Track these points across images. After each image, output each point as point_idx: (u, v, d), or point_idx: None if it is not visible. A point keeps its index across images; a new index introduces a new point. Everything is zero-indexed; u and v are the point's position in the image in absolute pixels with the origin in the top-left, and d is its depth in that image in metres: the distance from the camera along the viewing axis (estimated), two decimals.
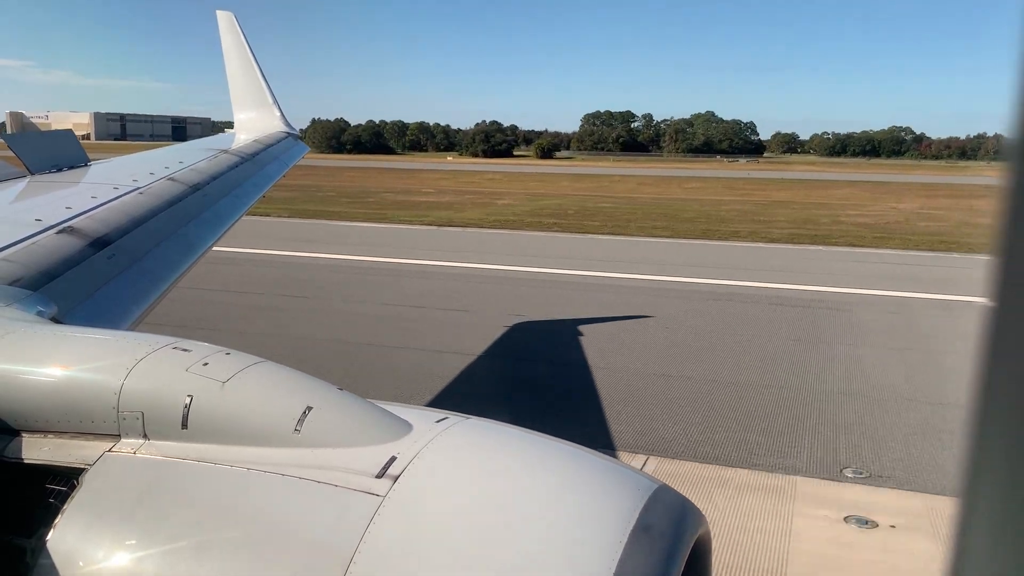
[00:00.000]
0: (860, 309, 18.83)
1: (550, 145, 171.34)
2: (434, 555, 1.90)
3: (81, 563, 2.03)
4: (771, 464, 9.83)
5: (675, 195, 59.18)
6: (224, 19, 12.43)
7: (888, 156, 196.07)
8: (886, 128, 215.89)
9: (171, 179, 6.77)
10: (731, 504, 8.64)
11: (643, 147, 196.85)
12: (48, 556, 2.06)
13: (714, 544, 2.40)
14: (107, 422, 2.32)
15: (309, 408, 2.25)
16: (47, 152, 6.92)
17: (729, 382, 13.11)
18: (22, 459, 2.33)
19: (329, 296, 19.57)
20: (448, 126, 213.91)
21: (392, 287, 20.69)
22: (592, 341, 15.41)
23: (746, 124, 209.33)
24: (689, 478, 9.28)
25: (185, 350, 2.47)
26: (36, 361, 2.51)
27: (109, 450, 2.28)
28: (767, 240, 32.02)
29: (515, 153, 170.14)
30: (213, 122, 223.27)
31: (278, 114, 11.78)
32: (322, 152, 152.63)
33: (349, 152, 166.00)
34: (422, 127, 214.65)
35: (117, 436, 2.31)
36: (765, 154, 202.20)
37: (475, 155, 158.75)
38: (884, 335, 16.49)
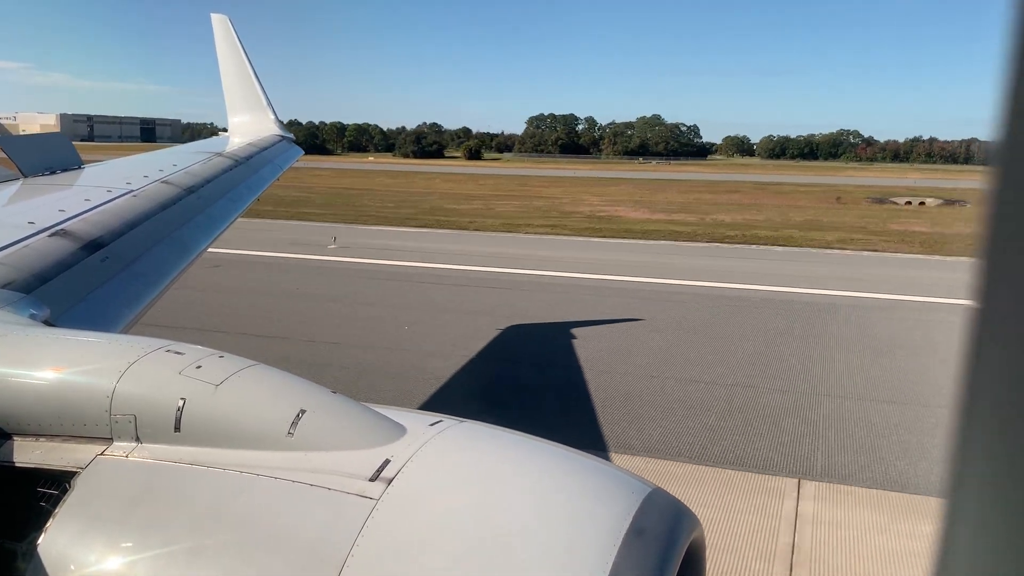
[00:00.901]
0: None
1: (478, 147, 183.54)
2: (427, 558, 1.90)
3: (73, 567, 2.02)
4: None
5: (438, 188, 64.79)
6: (218, 22, 12.42)
7: (825, 158, 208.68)
8: (834, 131, 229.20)
9: (165, 182, 6.75)
10: None
11: (584, 149, 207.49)
12: (39, 560, 2.04)
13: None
14: (99, 425, 2.31)
15: (302, 411, 2.25)
16: (40, 155, 6.89)
17: None
18: (14, 463, 2.32)
19: None
20: (392, 128, 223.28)
21: None
22: None
23: (690, 127, 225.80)
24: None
25: (178, 353, 2.46)
26: (28, 364, 2.50)
27: (101, 453, 2.27)
28: (390, 224, 36.64)
29: (445, 154, 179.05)
30: (184, 124, 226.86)
31: (272, 117, 11.77)
32: None
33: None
34: (360, 128, 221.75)
35: (109, 439, 2.30)
36: (711, 157, 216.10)
37: (406, 156, 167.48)
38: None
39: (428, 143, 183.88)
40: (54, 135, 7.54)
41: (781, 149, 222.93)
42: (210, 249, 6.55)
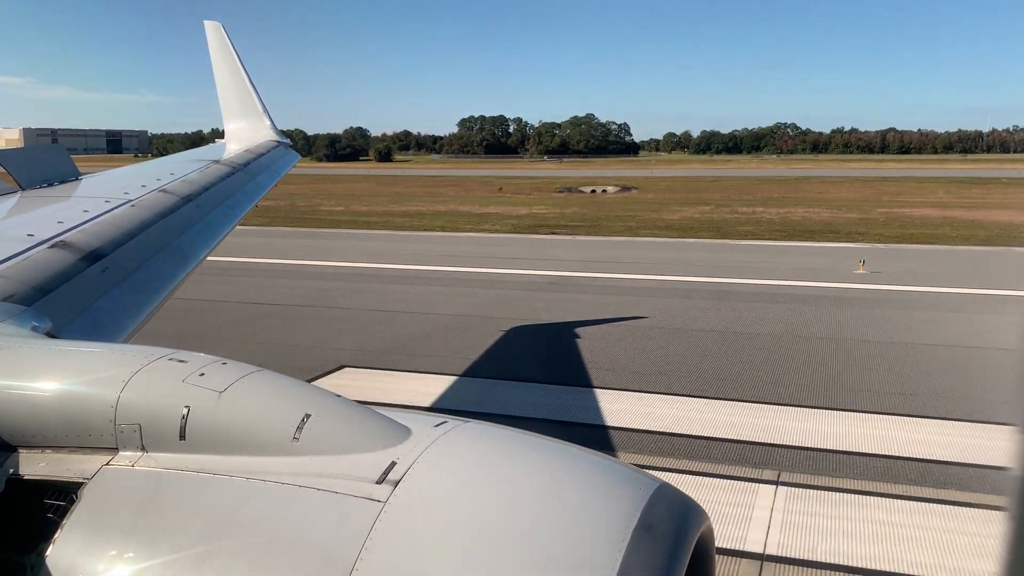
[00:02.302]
0: None
1: (387, 150, 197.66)
2: (437, 559, 1.90)
3: None
4: None
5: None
6: (212, 30, 12.40)
7: (748, 152, 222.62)
8: (771, 125, 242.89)
9: (163, 191, 6.75)
10: None
11: (511, 149, 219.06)
12: (48, 572, 2.04)
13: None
14: (104, 435, 2.31)
15: (307, 416, 2.24)
16: (38, 167, 6.88)
17: None
18: (20, 475, 2.31)
19: None
20: (319, 133, 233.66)
21: None
22: None
23: (620, 125, 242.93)
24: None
25: (181, 361, 2.46)
26: (32, 376, 2.49)
27: (107, 463, 2.27)
28: None
29: (360, 158, 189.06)
30: (150, 135, 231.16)
31: (268, 123, 11.75)
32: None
33: None
34: (286, 134, 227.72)
35: (115, 449, 2.30)
36: (642, 153, 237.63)
37: (319, 160, 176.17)
38: None
39: (342, 147, 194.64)
40: (51, 147, 7.54)
41: (707, 144, 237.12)
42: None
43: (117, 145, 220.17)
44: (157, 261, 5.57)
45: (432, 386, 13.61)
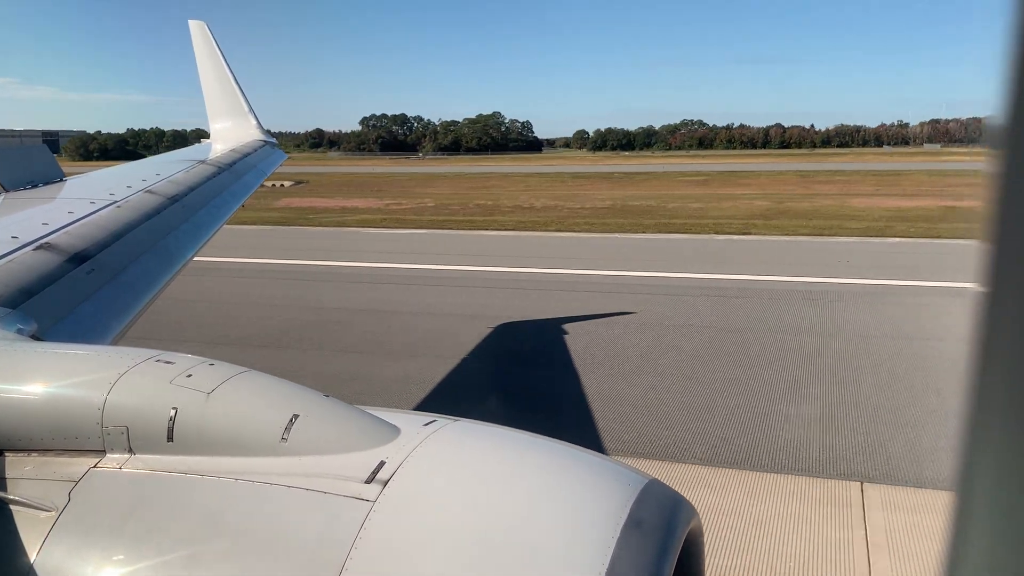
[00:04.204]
0: None
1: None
2: (426, 558, 1.90)
3: None
4: None
5: None
6: (196, 29, 12.34)
7: (640, 148, 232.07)
8: (678, 122, 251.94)
9: (149, 191, 6.71)
10: None
11: (410, 147, 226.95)
12: (35, 575, 2.03)
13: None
14: (91, 438, 2.30)
15: (296, 416, 2.24)
16: (21, 168, 6.83)
17: None
18: (5, 478, 2.30)
19: None
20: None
21: None
22: None
23: (523, 123, 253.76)
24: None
25: (168, 362, 2.45)
26: (17, 379, 2.48)
27: (94, 466, 2.25)
28: None
29: None
30: (90, 134, 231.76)
31: (254, 122, 11.71)
32: (74, 160, 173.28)
33: (98, 159, 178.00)
34: (179, 135, 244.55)
35: (102, 452, 2.29)
36: (544, 150, 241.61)
37: None
38: None
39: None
40: (35, 148, 7.48)
41: (602, 141, 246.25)
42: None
43: (55, 146, 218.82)
44: (143, 262, 5.54)
45: None
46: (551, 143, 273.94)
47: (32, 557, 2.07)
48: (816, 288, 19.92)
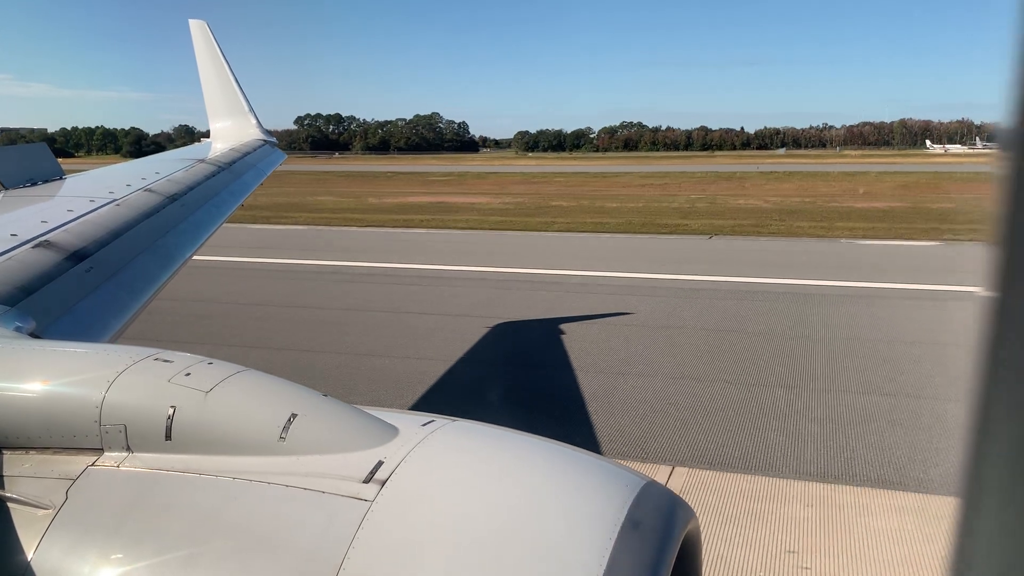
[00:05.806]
0: None
1: None
2: (423, 559, 1.90)
3: None
4: None
5: None
6: (196, 28, 12.32)
7: (571, 149, 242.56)
8: (617, 124, 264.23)
9: (148, 190, 6.71)
10: None
11: (342, 146, 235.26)
12: (33, 574, 2.03)
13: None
14: (89, 436, 2.29)
15: (294, 415, 2.24)
16: (20, 166, 6.83)
17: None
18: (3, 476, 2.30)
19: None
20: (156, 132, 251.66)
21: None
22: None
23: (459, 124, 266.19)
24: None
25: (167, 361, 2.45)
26: (15, 377, 2.47)
27: (92, 464, 2.25)
28: None
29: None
30: (49, 133, 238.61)
31: (254, 122, 11.69)
32: None
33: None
34: (109, 132, 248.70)
35: (100, 450, 2.29)
36: (482, 150, 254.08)
37: (124, 155, 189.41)
38: None
39: (148, 142, 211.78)
40: (35, 146, 7.47)
41: (535, 142, 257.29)
42: None
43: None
44: (142, 261, 5.54)
45: None
46: (497, 143, 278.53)
47: (29, 555, 2.07)
48: None
